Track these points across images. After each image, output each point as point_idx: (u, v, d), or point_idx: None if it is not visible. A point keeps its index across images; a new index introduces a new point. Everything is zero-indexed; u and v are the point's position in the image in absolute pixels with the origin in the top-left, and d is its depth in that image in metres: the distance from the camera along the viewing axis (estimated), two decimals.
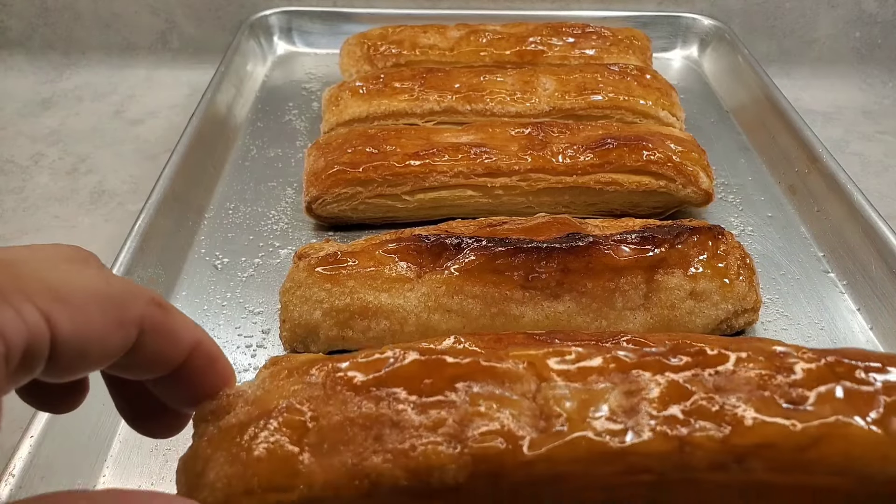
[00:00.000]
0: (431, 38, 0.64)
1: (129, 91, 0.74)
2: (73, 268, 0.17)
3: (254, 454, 0.19)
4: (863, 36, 0.76)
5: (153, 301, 0.19)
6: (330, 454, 0.18)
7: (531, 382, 0.19)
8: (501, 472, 0.17)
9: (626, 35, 0.65)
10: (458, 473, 0.17)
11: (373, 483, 0.18)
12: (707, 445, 0.18)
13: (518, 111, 0.55)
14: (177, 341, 0.20)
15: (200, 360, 0.21)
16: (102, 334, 0.17)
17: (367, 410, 0.19)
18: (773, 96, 0.62)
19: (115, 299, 0.18)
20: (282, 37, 0.75)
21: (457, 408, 0.18)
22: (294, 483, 0.18)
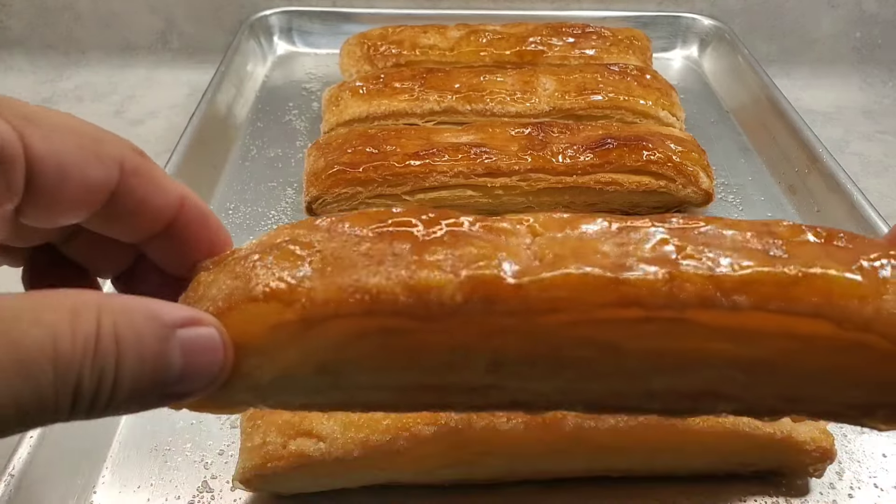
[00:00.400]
0: (431, 38, 0.64)
1: (129, 91, 0.74)
2: (47, 108, 0.18)
3: (257, 270, 0.19)
4: (863, 36, 0.76)
5: (133, 147, 0.19)
6: (332, 275, 0.19)
7: (528, 236, 0.20)
8: (496, 296, 0.18)
9: (626, 35, 0.65)
10: (454, 293, 0.18)
11: (373, 298, 0.18)
12: (696, 279, 0.19)
13: (518, 111, 0.55)
14: (163, 189, 0.20)
15: (192, 214, 0.21)
16: (79, 162, 0.17)
17: (371, 245, 0.19)
18: (774, 96, 0.62)
19: (90, 134, 0.18)
20: (282, 37, 0.75)
21: (456, 248, 0.19)
22: (295, 297, 0.18)
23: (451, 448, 0.31)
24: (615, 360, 0.19)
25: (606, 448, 0.32)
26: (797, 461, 0.33)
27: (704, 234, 0.20)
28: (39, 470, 0.32)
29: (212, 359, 0.18)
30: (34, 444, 0.33)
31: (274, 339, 0.19)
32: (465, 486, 0.33)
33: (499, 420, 0.30)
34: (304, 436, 0.31)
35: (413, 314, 0.18)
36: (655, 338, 0.19)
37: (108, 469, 0.35)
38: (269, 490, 0.33)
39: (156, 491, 0.33)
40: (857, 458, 0.36)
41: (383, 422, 0.30)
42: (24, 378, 0.14)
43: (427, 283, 0.18)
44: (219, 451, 0.35)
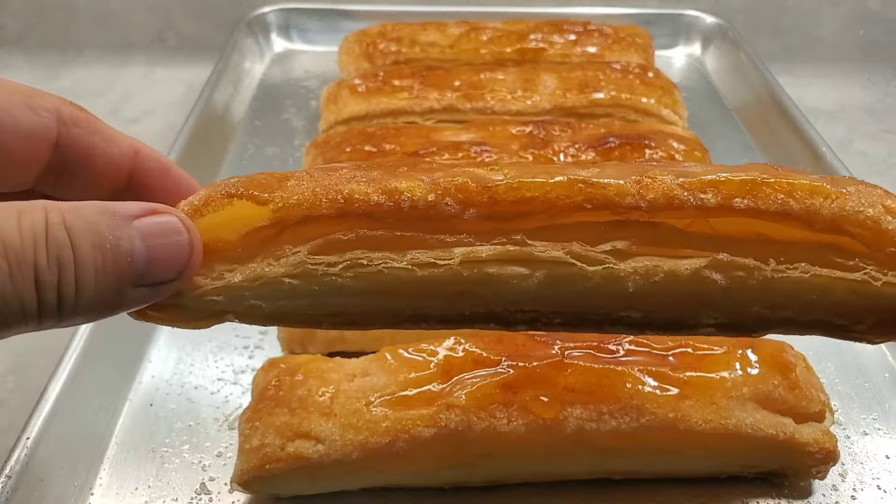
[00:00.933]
0: (431, 35, 0.63)
1: (126, 89, 0.73)
2: None
3: (240, 177, 0.20)
4: (867, 34, 0.76)
5: (70, 102, 0.19)
6: (310, 181, 0.20)
7: (499, 174, 0.21)
8: (467, 198, 0.19)
9: (627, 33, 0.65)
10: (427, 194, 0.19)
11: (346, 199, 0.19)
12: (663, 181, 0.19)
13: (519, 109, 0.55)
14: (111, 140, 0.20)
15: (150, 165, 0.21)
16: (13, 112, 0.18)
17: (348, 171, 0.20)
18: (777, 95, 0.61)
19: (21, 89, 0.18)
20: (280, 34, 0.74)
21: (430, 172, 0.20)
22: (270, 198, 0.19)
23: (451, 450, 0.31)
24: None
25: (607, 450, 0.31)
26: (800, 463, 0.32)
27: (669, 164, 0.20)
28: (36, 471, 0.32)
29: (177, 240, 0.18)
30: (31, 446, 0.32)
31: (247, 242, 0.19)
32: (465, 488, 0.33)
33: (499, 422, 0.30)
34: (302, 438, 0.30)
35: (386, 216, 0.19)
36: (624, 240, 0.19)
37: (105, 471, 0.34)
38: (268, 492, 0.33)
39: (153, 493, 0.33)
40: (860, 459, 0.36)
41: (382, 424, 0.30)
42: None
43: (399, 187, 0.19)
44: (217, 453, 0.35)
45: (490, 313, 0.20)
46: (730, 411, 0.30)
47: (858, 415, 0.38)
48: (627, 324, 0.20)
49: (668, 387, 0.31)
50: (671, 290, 0.19)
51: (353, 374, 0.32)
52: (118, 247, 0.17)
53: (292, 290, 0.19)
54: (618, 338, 0.33)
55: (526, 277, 0.19)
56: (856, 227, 0.19)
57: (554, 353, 0.31)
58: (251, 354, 0.41)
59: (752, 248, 0.19)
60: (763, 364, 0.32)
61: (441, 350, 0.32)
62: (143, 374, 0.40)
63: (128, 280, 0.17)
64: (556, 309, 0.20)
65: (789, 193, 0.19)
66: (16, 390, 0.42)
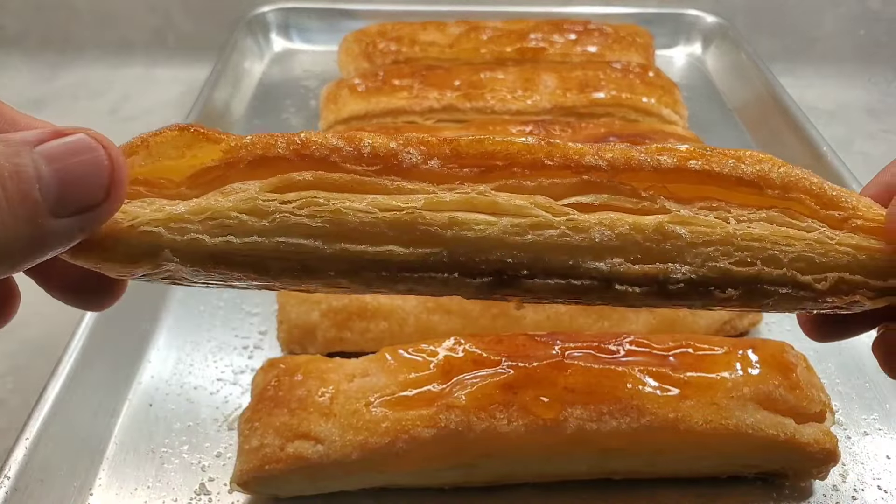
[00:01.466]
0: (431, 34, 0.63)
1: (125, 89, 0.73)
2: None
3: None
4: (867, 34, 0.76)
5: None
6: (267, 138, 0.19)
7: None
8: (431, 150, 0.19)
9: (628, 32, 0.65)
10: (388, 142, 0.19)
11: (303, 141, 0.19)
12: (619, 148, 0.20)
13: (519, 109, 0.55)
14: (14, 122, 0.18)
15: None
16: None
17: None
18: (777, 94, 0.61)
19: None
20: (279, 34, 0.74)
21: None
22: (224, 135, 0.19)
23: (451, 450, 0.31)
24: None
25: (608, 450, 0.31)
26: (801, 463, 0.32)
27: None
28: (36, 472, 0.32)
29: (91, 156, 0.16)
30: (31, 446, 0.32)
31: (194, 182, 0.18)
32: (465, 488, 0.33)
33: (499, 422, 0.30)
34: (302, 438, 0.30)
35: (345, 160, 0.18)
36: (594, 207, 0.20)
37: (104, 471, 0.34)
38: (267, 492, 0.32)
39: (152, 493, 0.33)
40: (860, 460, 0.36)
41: (382, 424, 0.30)
42: None
43: (360, 137, 0.19)
44: (216, 454, 0.35)
45: (454, 262, 0.19)
46: (730, 411, 0.30)
47: (859, 415, 0.38)
48: (597, 278, 0.20)
49: (669, 387, 0.31)
50: (637, 242, 0.20)
51: (353, 375, 0.32)
52: (19, 174, 0.14)
53: (240, 226, 0.18)
54: (618, 338, 0.33)
55: (490, 224, 0.19)
56: (804, 192, 0.20)
57: (554, 354, 0.31)
58: (250, 355, 0.41)
59: (711, 210, 0.20)
60: (764, 364, 0.32)
61: (441, 350, 0.32)
62: (143, 374, 0.39)
63: (43, 210, 0.15)
64: (522, 259, 0.19)
65: (739, 159, 0.20)
66: (15, 391, 0.42)
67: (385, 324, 0.38)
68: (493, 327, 0.38)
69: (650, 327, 0.39)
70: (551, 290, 0.20)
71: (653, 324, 0.39)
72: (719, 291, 0.20)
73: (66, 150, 0.15)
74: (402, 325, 0.38)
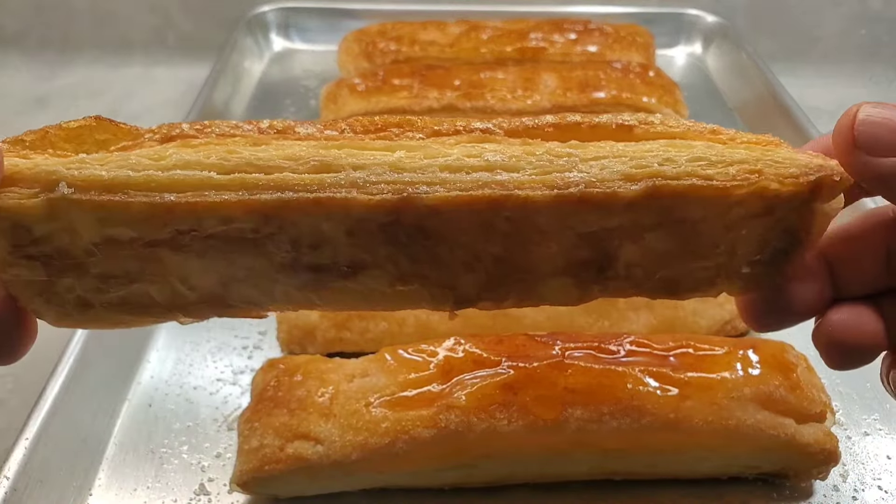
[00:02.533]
0: (431, 34, 0.63)
1: (125, 89, 0.73)
2: None
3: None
4: (868, 33, 0.76)
5: None
6: None
7: None
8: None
9: (628, 32, 0.65)
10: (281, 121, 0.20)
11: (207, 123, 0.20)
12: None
13: (519, 108, 0.55)
14: None
15: None
16: None
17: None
18: (778, 94, 0.61)
19: None
20: (279, 33, 0.74)
21: None
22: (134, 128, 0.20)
23: (451, 451, 0.31)
24: None
25: (608, 451, 0.31)
26: (801, 464, 0.32)
27: None
28: (35, 472, 0.32)
29: None
30: (30, 446, 0.32)
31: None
32: (465, 489, 0.33)
33: (499, 423, 0.30)
34: (301, 438, 0.30)
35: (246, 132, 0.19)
36: None
37: (104, 471, 0.34)
38: (267, 493, 0.32)
39: (152, 493, 0.33)
40: (861, 460, 0.36)
41: (382, 424, 0.30)
42: None
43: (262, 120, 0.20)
44: (216, 454, 0.35)
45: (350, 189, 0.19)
46: (731, 412, 0.30)
47: (859, 415, 0.38)
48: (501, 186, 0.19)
49: (669, 387, 0.31)
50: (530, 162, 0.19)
51: (353, 375, 0.32)
52: None
53: (138, 164, 0.18)
54: (618, 338, 0.32)
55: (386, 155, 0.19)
56: (775, 173, 0.19)
57: (554, 354, 0.31)
58: (250, 355, 0.41)
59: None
60: (764, 364, 0.32)
61: (441, 350, 0.32)
62: (142, 374, 0.39)
63: None
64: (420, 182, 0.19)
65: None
66: (14, 391, 0.42)
67: (385, 324, 0.38)
68: (493, 327, 0.37)
69: (650, 327, 0.39)
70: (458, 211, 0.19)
71: (653, 324, 0.39)
72: (622, 186, 0.19)
73: None
74: (401, 326, 0.38)
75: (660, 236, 0.20)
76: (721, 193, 0.19)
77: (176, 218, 0.18)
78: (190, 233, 0.19)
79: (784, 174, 0.19)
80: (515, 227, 0.19)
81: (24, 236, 0.18)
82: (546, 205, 0.19)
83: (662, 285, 0.22)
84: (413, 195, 0.18)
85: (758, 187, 0.19)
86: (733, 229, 0.20)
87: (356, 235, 0.19)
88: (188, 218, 0.18)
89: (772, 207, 0.20)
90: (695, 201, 0.19)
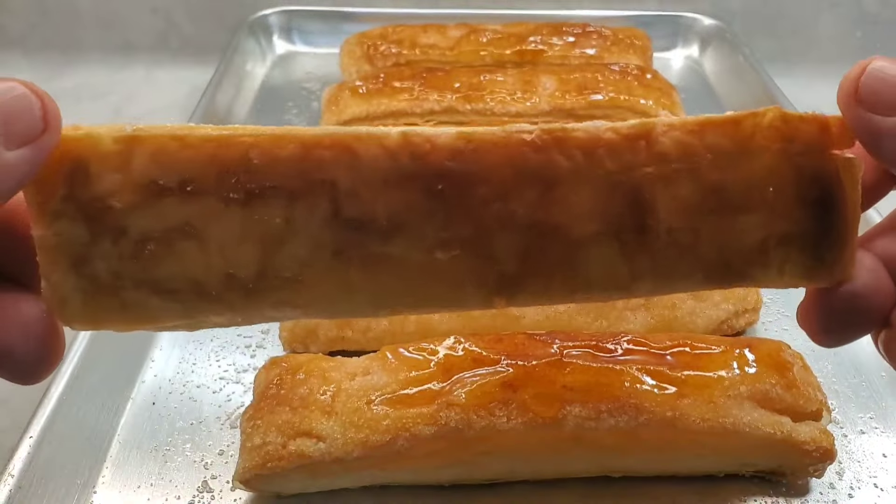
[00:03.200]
0: (431, 37, 0.64)
1: (128, 91, 0.74)
2: None
3: None
4: (864, 36, 0.76)
5: None
6: None
7: None
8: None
9: (626, 35, 0.65)
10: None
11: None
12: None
13: (518, 111, 0.55)
14: None
15: None
16: None
17: None
18: (775, 96, 0.62)
19: None
20: (281, 36, 0.75)
21: None
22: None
23: (451, 448, 0.31)
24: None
25: (606, 448, 0.32)
26: (797, 461, 0.33)
27: None
28: (39, 470, 0.32)
29: (20, 93, 0.18)
30: (34, 445, 0.33)
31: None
32: (465, 486, 0.33)
33: (498, 420, 0.30)
34: (303, 436, 0.31)
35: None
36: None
37: (108, 469, 0.35)
38: (270, 490, 0.33)
39: (156, 491, 0.33)
40: (857, 457, 0.36)
41: (383, 422, 0.30)
42: None
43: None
44: (219, 452, 0.35)
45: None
46: (727, 410, 0.31)
47: (855, 413, 0.38)
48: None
49: (666, 385, 0.31)
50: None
51: (355, 373, 0.32)
52: None
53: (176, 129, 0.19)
54: (616, 337, 0.33)
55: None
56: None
57: (553, 353, 0.32)
58: (253, 353, 0.41)
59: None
60: (760, 363, 0.32)
61: (441, 349, 0.32)
62: (146, 373, 0.40)
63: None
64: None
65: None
66: (18, 389, 0.41)
67: (386, 323, 0.39)
68: (493, 326, 0.38)
69: (648, 326, 0.39)
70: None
71: (651, 323, 0.39)
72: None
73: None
74: (402, 325, 0.39)
75: (690, 186, 0.20)
76: (733, 119, 0.20)
77: (230, 156, 0.19)
78: (239, 181, 0.19)
79: (789, 114, 0.20)
80: (543, 168, 0.19)
81: (80, 180, 0.19)
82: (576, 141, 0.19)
83: (715, 257, 0.21)
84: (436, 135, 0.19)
85: (767, 116, 0.20)
86: (758, 172, 0.20)
87: (392, 185, 0.19)
88: (240, 160, 0.19)
89: (789, 142, 0.20)
90: (711, 130, 0.20)
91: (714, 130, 0.20)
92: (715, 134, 0.20)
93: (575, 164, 0.20)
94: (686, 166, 0.20)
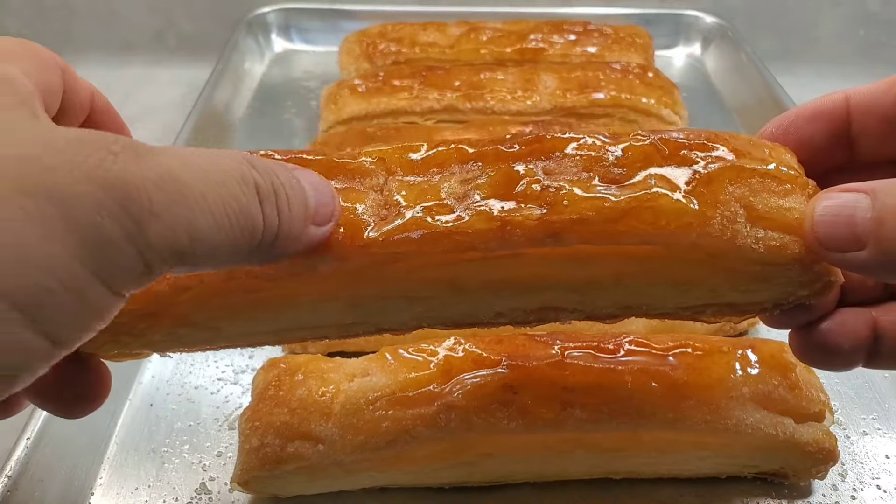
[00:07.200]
0: (431, 35, 0.63)
1: (126, 90, 0.73)
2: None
3: None
4: (867, 34, 0.76)
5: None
6: None
7: (380, 176, 0.21)
8: (344, 255, 0.20)
9: (627, 33, 0.65)
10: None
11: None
12: (526, 224, 0.20)
13: (519, 109, 0.55)
14: (80, 82, 0.22)
15: (101, 104, 0.23)
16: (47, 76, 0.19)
17: None
18: (777, 95, 0.61)
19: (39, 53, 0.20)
20: (280, 34, 0.74)
21: None
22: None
23: (451, 450, 0.31)
24: (459, 293, 0.22)
25: (607, 450, 0.31)
26: (800, 463, 0.32)
27: (551, 161, 0.20)
28: (36, 471, 0.32)
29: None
30: (31, 446, 0.32)
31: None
32: (465, 487, 0.33)
33: (499, 422, 0.30)
34: (302, 438, 0.30)
35: (267, 276, 0.20)
36: (493, 271, 0.21)
37: (105, 470, 0.34)
38: (268, 492, 0.33)
39: (153, 492, 0.33)
40: (859, 459, 0.36)
41: (382, 424, 0.30)
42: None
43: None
44: (217, 453, 0.35)
45: (379, 329, 0.23)
46: (730, 411, 0.30)
47: (858, 415, 0.38)
48: (497, 324, 0.23)
49: (668, 387, 0.31)
50: (533, 306, 0.22)
51: (353, 375, 0.32)
52: (294, 188, 0.19)
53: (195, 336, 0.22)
54: (618, 338, 0.33)
55: None
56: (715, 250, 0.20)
57: (554, 354, 0.31)
58: (251, 354, 0.41)
59: (607, 266, 0.21)
60: (763, 364, 0.32)
61: (441, 350, 0.32)
62: (143, 374, 0.40)
63: (309, 215, 0.19)
64: (437, 321, 0.23)
65: (653, 224, 0.19)
66: None
67: None
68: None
69: (650, 328, 0.39)
70: None
71: (652, 324, 0.39)
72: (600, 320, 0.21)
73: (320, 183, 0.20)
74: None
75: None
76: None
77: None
78: None
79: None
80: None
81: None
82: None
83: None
84: None
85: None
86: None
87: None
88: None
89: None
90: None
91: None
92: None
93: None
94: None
